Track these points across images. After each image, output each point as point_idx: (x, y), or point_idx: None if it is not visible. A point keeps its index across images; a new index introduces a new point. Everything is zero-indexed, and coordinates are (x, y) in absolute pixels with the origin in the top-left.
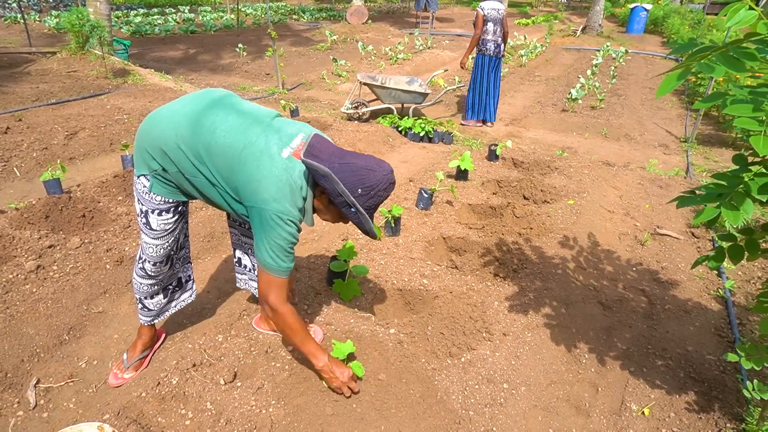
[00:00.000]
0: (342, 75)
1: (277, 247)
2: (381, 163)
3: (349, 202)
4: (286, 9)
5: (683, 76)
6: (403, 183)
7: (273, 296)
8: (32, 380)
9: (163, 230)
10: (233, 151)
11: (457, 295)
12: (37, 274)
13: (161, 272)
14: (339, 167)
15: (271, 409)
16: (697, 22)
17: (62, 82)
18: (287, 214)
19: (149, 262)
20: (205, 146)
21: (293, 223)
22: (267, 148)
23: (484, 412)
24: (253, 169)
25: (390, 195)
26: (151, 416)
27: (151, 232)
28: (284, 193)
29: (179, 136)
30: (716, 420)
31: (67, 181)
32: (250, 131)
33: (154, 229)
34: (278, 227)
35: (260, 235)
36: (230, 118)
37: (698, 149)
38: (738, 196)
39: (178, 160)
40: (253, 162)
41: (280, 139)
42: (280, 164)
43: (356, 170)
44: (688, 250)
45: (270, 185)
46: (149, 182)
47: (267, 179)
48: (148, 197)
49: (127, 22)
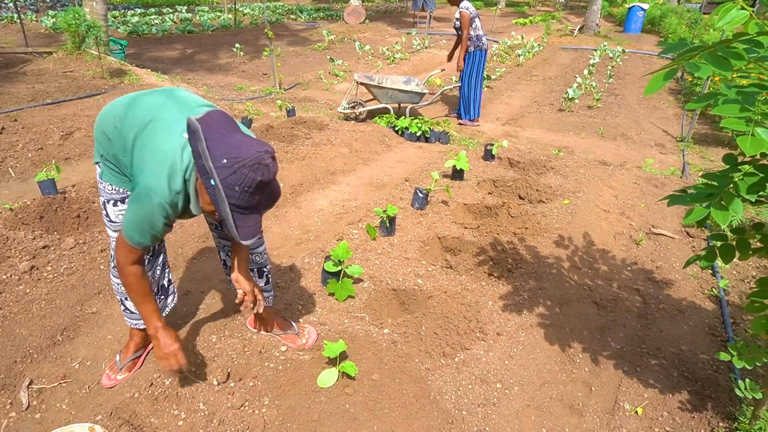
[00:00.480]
0: (339, 75)
1: (136, 220)
2: (261, 144)
3: (207, 167)
4: (283, 9)
5: (670, 76)
6: (399, 183)
7: (121, 255)
8: (25, 381)
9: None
10: (141, 122)
11: (452, 295)
12: (30, 275)
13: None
14: (213, 130)
15: (264, 410)
16: (694, 21)
17: (58, 82)
18: (158, 193)
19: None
20: (129, 120)
21: (161, 205)
22: (170, 125)
23: (477, 412)
24: (147, 140)
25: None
26: (144, 417)
27: (112, 224)
28: (162, 169)
29: (117, 116)
30: (709, 419)
31: (62, 181)
32: (167, 110)
33: (113, 221)
34: (144, 203)
35: (130, 206)
36: (160, 98)
37: (694, 149)
38: (727, 195)
39: (115, 137)
40: (150, 134)
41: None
42: (173, 142)
43: (231, 141)
44: (683, 250)
45: (152, 159)
46: (100, 170)
47: (152, 152)
48: (101, 187)
49: (124, 22)
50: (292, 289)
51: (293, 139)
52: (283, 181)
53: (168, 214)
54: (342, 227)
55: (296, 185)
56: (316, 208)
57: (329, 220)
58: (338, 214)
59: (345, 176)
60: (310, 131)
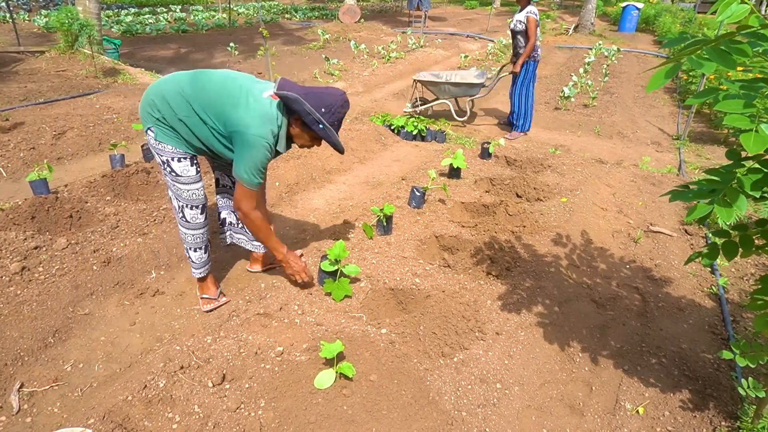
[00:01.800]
0: (334, 74)
1: (252, 164)
2: (335, 89)
3: (316, 119)
4: (278, 8)
5: (673, 72)
6: (396, 181)
7: (245, 204)
8: (15, 384)
9: (188, 176)
10: (225, 90)
11: (450, 294)
12: (21, 276)
13: (198, 221)
14: (304, 95)
15: (260, 412)
16: (688, 20)
17: (51, 81)
18: (264, 137)
19: (187, 207)
20: (201, 89)
21: (268, 145)
22: (251, 90)
23: (477, 413)
24: (241, 103)
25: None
26: (137, 420)
27: (179, 178)
28: (263, 121)
29: (180, 87)
30: (711, 418)
31: (55, 181)
32: (237, 80)
33: (180, 175)
34: (255, 148)
35: (240, 155)
36: (219, 73)
37: (690, 147)
38: (731, 192)
39: (177, 104)
40: (242, 98)
41: (260, 85)
42: (261, 101)
43: (317, 95)
44: (681, 247)
45: (252, 115)
46: (154, 132)
47: (251, 110)
48: (161, 147)
49: (117, 21)
50: (287, 289)
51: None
52: (279, 180)
53: (270, 152)
54: (338, 226)
55: (292, 184)
56: (312, 208)
57: (325, 219)
58: (334, 213)
59: (341, 175)
60: None
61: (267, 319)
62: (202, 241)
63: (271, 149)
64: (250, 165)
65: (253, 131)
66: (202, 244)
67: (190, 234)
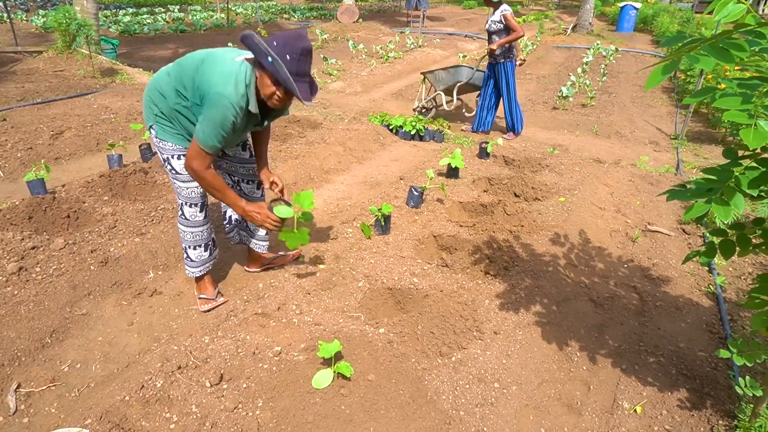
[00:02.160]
0: (333, 74)
1: (210, 124)
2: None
3: (264, 50)
4: (276, 8)
5: (671, 68)
6: (394, 181)
7: (196, 163)
8: (12, 385)
9: (187, 174)
10: (197, 61)
11: (448, 294)
12: (18, 276)
13: (197, 219)
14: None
15: (258, 412)
16: (686, 20)
17: (48, 81)
18: (228, 97)
19: (186, 205)
20: (181, 68)
21: (230, 105)
22: (222, 57)
23: (474, 412)
24: (210, 67)
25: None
26: (135, 420)
27: (179, 176)
28: (229, 79)
29: (167, 71)
30: (708, 417)
31: (52, 181)
32: (214, 52)
33: (180, 173)
34: (215, 107)
35: (204, 114)
36: (201, 51)
37: (688, 146)
38: (728, 190)
39: (167, 90)
40: (211, 63)
41: (233, 53)
42: (231, 64)
43: (275, 36)
44: (679, 247)
45: (220, 75)
46: (155, 130)
47: (219, 72)
48: (162, 145)
49: (115, 21)
50: (285, 289)
51: (287, 138)
52: None
53: (236, 113)
54: (336, 226)
55: (290, 184)
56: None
57: (323, 219)
58: (333, 213)
59: (339, 175)
60: (303, 130)
61: (265, 319)
62: (201, 239)
63: (235, 110)
64: (209, 123)
65: (215, 89)
66: (201, 242)
67: (189, 232)
